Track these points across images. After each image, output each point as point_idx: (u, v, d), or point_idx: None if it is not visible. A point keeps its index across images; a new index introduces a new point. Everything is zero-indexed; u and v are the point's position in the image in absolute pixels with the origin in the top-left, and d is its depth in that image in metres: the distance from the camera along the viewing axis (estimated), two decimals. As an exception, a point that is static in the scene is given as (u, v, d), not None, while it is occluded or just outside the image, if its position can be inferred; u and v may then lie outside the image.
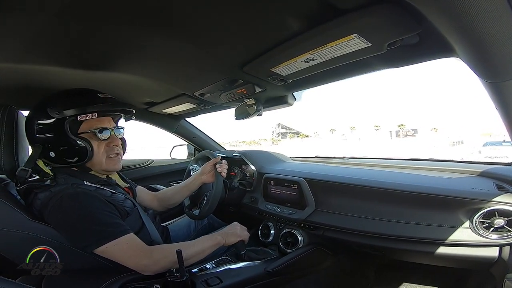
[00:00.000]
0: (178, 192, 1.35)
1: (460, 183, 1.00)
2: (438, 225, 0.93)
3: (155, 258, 0.87)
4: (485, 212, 0.85)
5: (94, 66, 0.94)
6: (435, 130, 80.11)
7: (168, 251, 0.89)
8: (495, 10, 0.42)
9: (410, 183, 1.03)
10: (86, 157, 0.91)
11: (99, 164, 0.95)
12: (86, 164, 0.93)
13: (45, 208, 0.84)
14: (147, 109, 1.65)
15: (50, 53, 0.82)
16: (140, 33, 0.73)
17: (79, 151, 0.90)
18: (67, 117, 0.88)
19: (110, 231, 0.84)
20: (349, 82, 1.21)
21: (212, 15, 0.64)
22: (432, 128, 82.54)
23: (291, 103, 1.33)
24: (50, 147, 0.90)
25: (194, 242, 1.00)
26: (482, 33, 0.48)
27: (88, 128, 0.92)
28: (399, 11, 0.53)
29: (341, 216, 1.15)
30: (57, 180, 0.88)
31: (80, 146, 0.90)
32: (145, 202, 1.31)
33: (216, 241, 1.03)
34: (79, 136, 0.91)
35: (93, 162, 0.94)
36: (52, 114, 0.88)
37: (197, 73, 1.06)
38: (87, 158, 0.91)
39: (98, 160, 0.94)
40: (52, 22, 0.64)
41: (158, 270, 0.87)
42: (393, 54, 0.73)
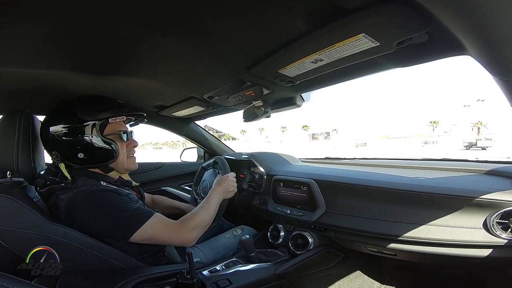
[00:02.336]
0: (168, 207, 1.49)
1: (476, 183, 0.97)
2: (453, 226, 0.90)
3: (190, 227, 1.00)
4: (502, 212, 0.82)
5: (105, 70, 0.97)
6: (336, 132, 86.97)
7: (196, 216, 1.04)
8: (507, 6, 0.41)
9: (423, 184, 1.00)
10: (113, 156, 1.00)
11: (122, 163, 1.04)
12: (111, 164, 1.01)
13: (72, 207, 0.89)
14: (157, 112, 1.68)
15: (62, 58, 0.84)
16: (151, 37, 0.74)
17: (108, 151, 0.99)
18: (99, 120, 0.97)
19: (141, 214, 0.93)
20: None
21: (220, 18, 0.65)
22: (333, 129, 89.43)
23: (299, 105, 1.33)
24: (80, 148, 0.95)
25: (206, 206, 1.11)
26: (494, 30, 0.46)
27: (112, 130, 1.01)
28: (407, 9, 0.52)
29: (351, 217, 1.14)
30: (76, 183, 0.93)
31: (109, 146, 0.99)
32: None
33: (220, 200, 1.17)
34: (108, 138, 0.99)
35: (118, 161, 1.02)
36: (83, 117, 0.95)
37: (206, 76, 1.07)
38: (115, 158, 1.00)
39: (122, 160, 1.03)
40: (64, 26, 0.65)
41: (197, 237, 1.02)
42: (402, 53, 0.72)
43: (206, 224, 1.06)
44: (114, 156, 1.00)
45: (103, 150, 0.99)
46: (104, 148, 0.99)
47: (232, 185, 1.21)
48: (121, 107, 1.04)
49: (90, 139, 0.96)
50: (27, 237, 0.82)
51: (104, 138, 0.98)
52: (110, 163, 1.01)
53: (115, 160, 1.01)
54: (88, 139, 0.96)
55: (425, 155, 9.89)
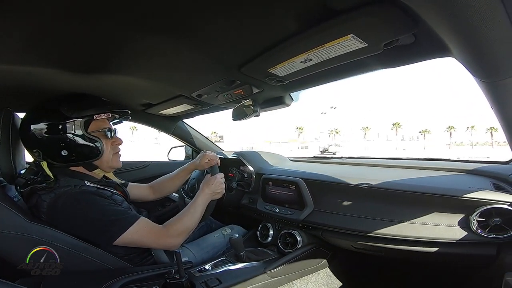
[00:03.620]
0: (172, 179, 1.40)
1: (458, 182, 1.00)
2: (436, 224, 0.93)
3: (175, 233, 0.99)
4: (482, 211, 0.86)
5: (91, 68, 0.94)
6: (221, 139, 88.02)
7: (180, 221, 1.02)
8: (490, 10, 0.43)
9: (407, 183, 1.03)
10: (98, 154, 0.99)
11: (107, 161, 1.02)
12: (95, 161, 0.99)
13: (54, 209, 0.86)
14: (144, 110, 1.65)
15: (46, 55, 0.82)
16: (137, 34, 0.72)
17: (92, 148, 0.98)
18: (83, 117, 0.95)
19: (126, 218, 0.91)
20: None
21: (209, 16, 0.64)
22: (214, 133, 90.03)
23: (288, 104, 1.33)
24: (64, 146, 0.93)
25: (192, 210, 1.07)
26: (478, 33, 0.48)
27: (97, 128, 0.99)
28: (395, 11, 0.53)
29: (339, 216, 1.16)
30: (59, 182, 0.90)
31: (94, 143, 0.98)
32: (141, 196, 1.35)
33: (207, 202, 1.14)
34: (92, 135, 0.97)
35: (102, 159, 1.01)
36: (67, 114, 0.93)
37: (195, 74, 1.05)
38: (99, 155, 0.99)
39: (107, 157, 1.02)
40: (49, 24, 0.63)
41: (182, 241, 1.02)
42: (389, 54, 0.73)
43: (191, 229, 1.05)
44: (99, 153, 0.99)
45: (87, 147, 0.97)
46: (89, 145, 0.97)
47: (220, 186, 1.18)
48: (105, 104, 1.03)
49: (74, 136, 0.94)
50: (8, 237, 0.79)
51: (88, 135, 0.96)
52: (95, 161, 1.00)
53: (100, 158, 0.99)
54: (72, 136, 0.94)
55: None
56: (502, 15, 0.43)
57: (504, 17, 0.44)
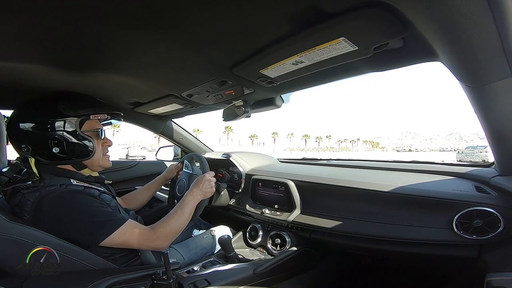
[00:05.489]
0: (143, 192, 1.41)
1: (442, 185, 1.03)
2: (421, 225, 0.96)
3: (163, 235, 0.97)
4: (464, 213, 0.88)
5: (77, 65, 0.92)
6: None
7: (167, 224, 1.01)
8: (477, 15, 0.44)
9: (394, 184, 1.05)
10: (90, 153, 0.98)
11: (97, 161, 1.02)
12: (86, 161, 0.98)
13: (39, 209, 0.83)
14: (133, 109, 1.62)
15: (33, 52, 0.79)
16: (127, 33, 0.71)
17: (85, 147, 0.97)
18: (80, 116, 0.95)
19: (114, 219, 0.90)
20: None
21: (201, 16, 0.63)
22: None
23: (279, 105, 1.33)
24: (56, 143, 0.92)
25: (180, 211, 1.06)
26: (464, 37, 0.50)
27: (90, 128, 0.99)
28: (386, 15, 0.54)
29: (327, 217, 1.17)
30: (44, 181, 0.88)
31: (87, 143, 0.98)
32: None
33: (196, 203, 1.12)
34: (85, 134, 0.97)
35: (93, 159, 1.00)
36: (65, 111, 0.92)
37: (185, 74, 1.04)
38: (92, 155, 0.98)
39: (97, 157, 1.01)
40: (37, 20, 0.62)
41: (170, 243, 1.01)
42: (379, 58, 0.74)
43: (179, 231, 1.04)
44: (91, 153, 0.98)
45: (80, 146, 0.96)
46: (82, 144, 0.96)
47: (209, 185, 1.16)
48: (102, 105, 1.04)
49: (69, 134, 0.93)
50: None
51: (82, 134, 0.96)
52: (85, 160, 0.99)
53: (92, 157, 0.99)
54: (67, 134, 0.93)
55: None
56: (489, 20, 0.45)
57: (490, 23, 0.46)
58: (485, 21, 0.45)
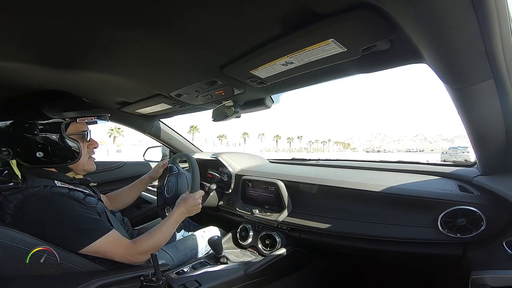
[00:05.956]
0: (128, 190, 1.39)
1: (427, 185, 1.06)
2: (407, 224, 0.98)
3: (144, 250, 0.93)
4: (448, 212, 0.91)
5: (65, 64, 0.89)
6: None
7: (151, 239, 0.97)
8: (461, 17, 0.46)
9: (381, 184, 1.07)
10: (76, 157, 0.95)
11: (82, 164, 0.99)
12: (71, 165, 0.95)
13: (21, 211, 0.80)
14: (120, 108, 1.58)
15: (16, 49, 0.76)
16: (114, 31, 0.69)
17: (71, 151, 0.94)
18: (66, 119, 0.92)
19: (97, 228, 0.87)
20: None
21: (192, 15, 0.63)
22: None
23: (269, 106, 1.34)
24: (40, 147, 0.88)
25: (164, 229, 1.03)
26: (449, 39, 0.51)
27: (76, 130, 0.96)
28: (374, 16, 0.55)
29: (315, 217, 1.18)
30: (26, 182, 0.85)
31: (73, 146, 0.94)
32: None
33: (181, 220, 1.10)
34: (71, 138, 0.94)
35: (79, 162, 0.97)
36: (49, 114, 0.88)
37: (174, 73, 1.03)
38: (77, 158, 0.96)
39: (83, 161, 0.98)
40: (21, 18, 0.60)
41: (147, 258, 0.96)
42: (367, 59, 0.76)
43: (160, 246, 1.02)
44: (77, 156, 0.95)
45: (65, 150, 0.93)
46: (67, 148, 0.93)
47: (197, 206, 1.14)
48: (89, 107, 1.00)
49: (53, 138, 0.90)
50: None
51: (68, 138, 0.93)
52: (71, 164, 0.95)
53: (77, 161, 0.96)
54: (51, 138, 0.89)
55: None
56: (473, 22, 0.46)
57: (474, 25, 0.47)
58: (469, 22, 0.46)
